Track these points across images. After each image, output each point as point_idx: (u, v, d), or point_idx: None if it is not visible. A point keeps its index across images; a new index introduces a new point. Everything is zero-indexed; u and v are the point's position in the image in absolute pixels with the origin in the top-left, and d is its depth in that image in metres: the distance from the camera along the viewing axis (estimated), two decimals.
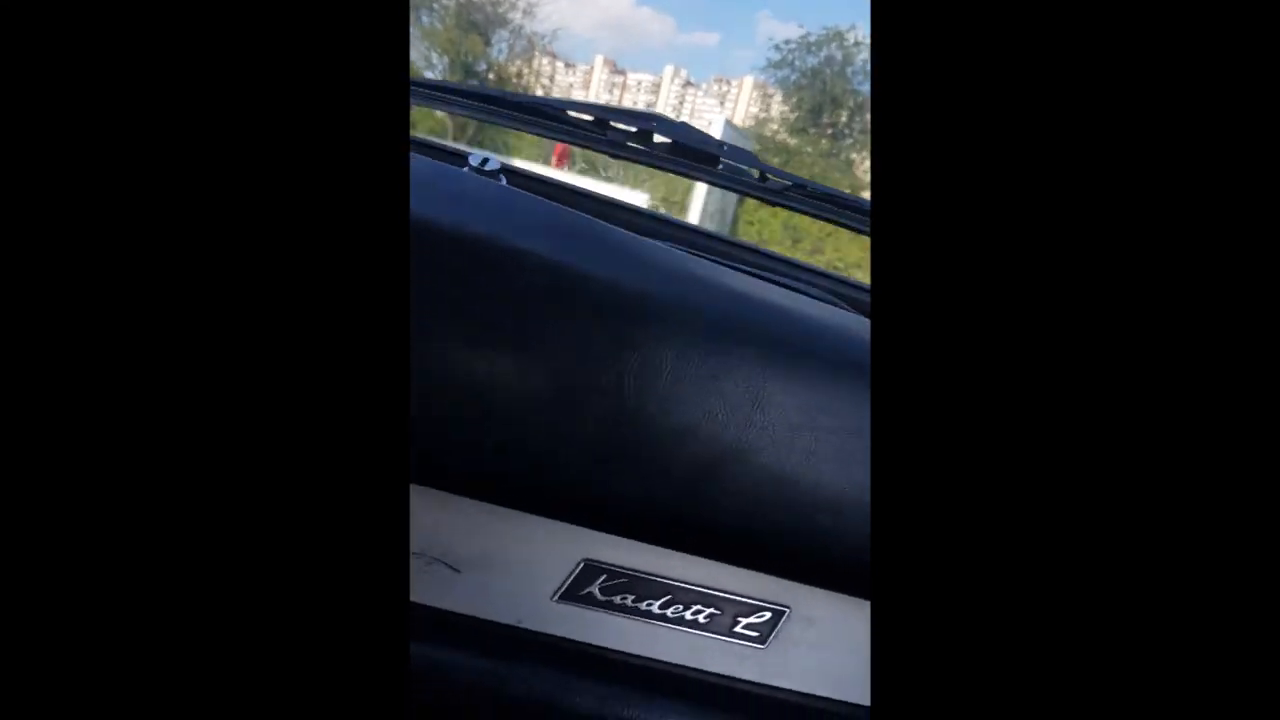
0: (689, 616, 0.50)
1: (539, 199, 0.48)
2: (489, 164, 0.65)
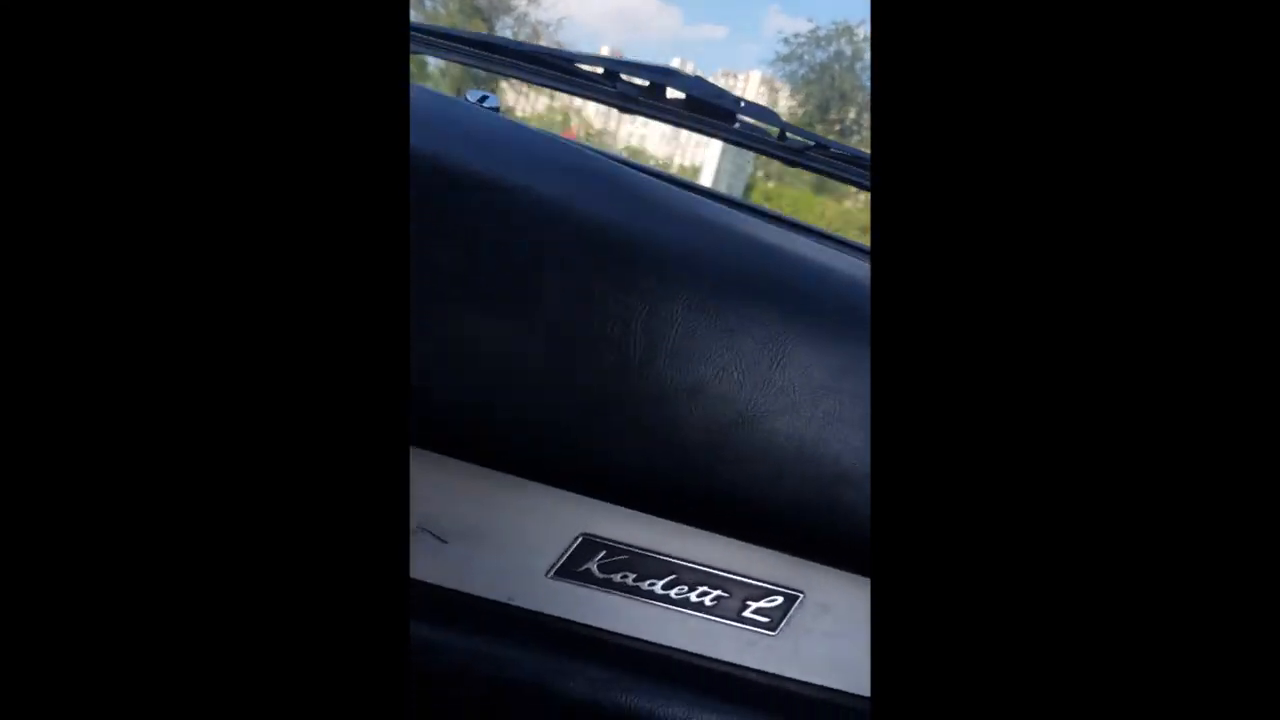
0: (694, 599, 0.46)
1: (542, 133, 0.44)
2: (488, 102, 0.61)
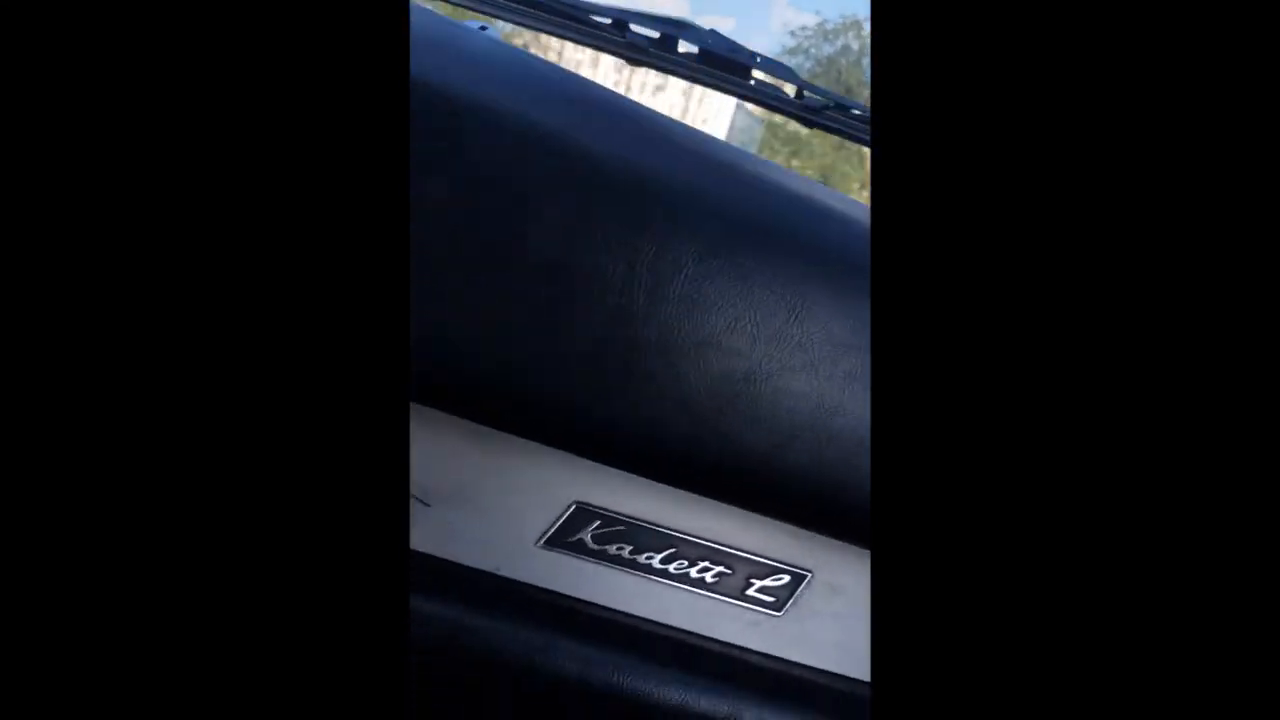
0: (693, 575, 0.43)
1: (547, 61, 0.40)
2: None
